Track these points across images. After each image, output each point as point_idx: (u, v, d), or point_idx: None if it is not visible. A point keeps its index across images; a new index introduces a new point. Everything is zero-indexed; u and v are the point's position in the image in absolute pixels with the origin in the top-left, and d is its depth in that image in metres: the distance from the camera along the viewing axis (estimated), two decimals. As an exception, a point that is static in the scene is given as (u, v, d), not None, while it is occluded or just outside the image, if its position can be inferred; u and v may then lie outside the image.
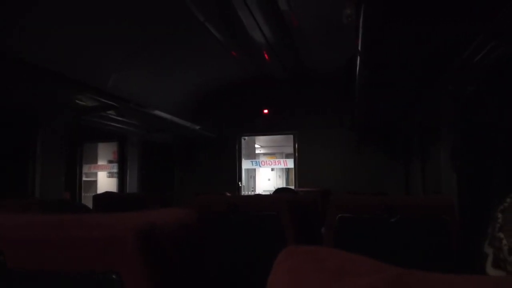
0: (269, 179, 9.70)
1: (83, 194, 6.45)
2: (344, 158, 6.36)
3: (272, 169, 9.58)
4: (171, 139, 6.71)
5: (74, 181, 5.91)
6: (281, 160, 7.61)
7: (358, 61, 3.25)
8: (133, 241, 0.52)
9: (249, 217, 1.80)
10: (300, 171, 6.66)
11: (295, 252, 0.44)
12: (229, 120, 6.64)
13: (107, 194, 3.25)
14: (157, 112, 4.60)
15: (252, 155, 8.66)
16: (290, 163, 7.16)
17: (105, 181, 7.78)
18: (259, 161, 7.70)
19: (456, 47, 2.52)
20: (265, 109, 6.73)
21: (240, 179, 6.92)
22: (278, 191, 3.75)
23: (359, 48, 2.81)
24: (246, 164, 7.24)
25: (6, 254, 0.57)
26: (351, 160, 6.29)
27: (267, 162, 7.83)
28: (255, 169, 8.86)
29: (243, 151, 7.17)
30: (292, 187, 6.19)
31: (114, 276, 0.54)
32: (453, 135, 3.31)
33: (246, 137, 7.34)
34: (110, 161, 7.89)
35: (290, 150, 7.41)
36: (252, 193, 8.46)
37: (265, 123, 6.72)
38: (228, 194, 3.43)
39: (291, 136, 6.88)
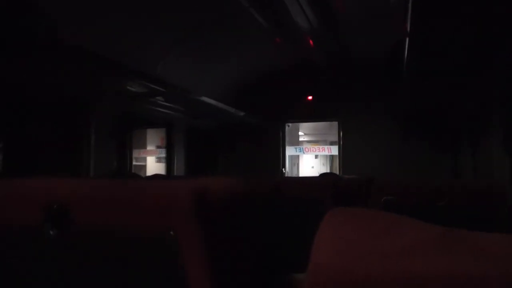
0: (312, 167, 9.66)
1: (133, 177, 6.73)
2: (389, 146, 6.21)
3: (316, 157, 9.52)
4: (215, 126, 6.84)
5: (125, 165, 6.18)
6: (325, 147, 7.55)
7: (406, 44, 3.17)
8: (188, 201, 0.57)
9: (291, 200, 1.83)
10: (345, 159, 6.59)
11: (342, 213, 0.47)
12: (273, 107, 6.65)
13: (156, 177, 3.39)
14: (203, 98, 4.71)
15: (296, 142, 8.65)
16: (334, 150, 7.10)
17: (153, 165, 8.08)
18: (302, 148, 7.68)
19: (508, 31, 2.41)
20: (309, 95, 6.69)
21: (284, 166, 6.96)
22: (323, 176, 3.74)
23: (408, 30, 2.75)
24: (289, 151, 7.26)
25: (74, 212, 0.65)
26: (397, 149, 6.14)
27: (311, 149, 7.80)
28: (298, 156, 8.85)
29: (287, 138, 7.19)
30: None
31: (170, 234, 0.59)
32: (505, 122, 3.16)
33: (290, 124, 7.34)
34: (158, 147, 8.17)
35: (334, 138, 7.33)
36: (296, 180, 8.41)
37: (309, 110, 6.69)
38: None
39: (335, 124, 6.80)
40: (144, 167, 8.07)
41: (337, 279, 0.40)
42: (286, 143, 7.13)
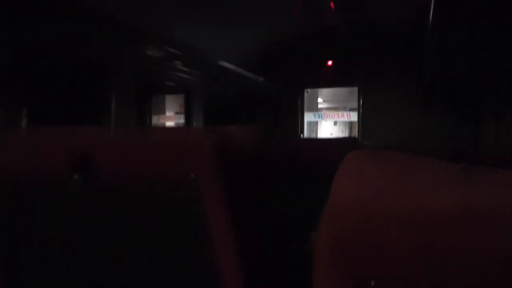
0: (331, 134, 9.60)
1: (153, 143, 6.82)
2: (409, 113, 6.10)
3: (335, 123, 9.45)
4: (234, 92, 6.82)
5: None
6: (344, 113, 7.47)
7: (431, 10, 3.04)
8: (208, 146, 0.58)
9: (310, 162, 1.83)
10: (364, 125, 6.53)
11: (363, 154, 0.47)
12: (292, 73, 6.57)
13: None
14: (222, 63, 4.68)
15: (315, 109, 8.58)
16: (353, 116, 7.03)
17: (172, 131, 8.17)
18: (321, 114, 7.62)
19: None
20: (329, 61, 6.57)
21: (302, 132, 6.95)
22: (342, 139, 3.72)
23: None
24: (308, 117, 7.22)
25: (97, 157, 0.66)
26: (417, 117, 6.03)
27: (330, 115, 7.73)
28: (317, 122, 8.80)
29: (305, 105, 7.13)
30: (355, 141, 6.09)
31: (190, 177, 0.61)
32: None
33: (308, 90, 7.26)
34: (177, 113, 8.22)
35: (353, 105, 7.25)
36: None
37: (329, 76, 6.58)
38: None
39: (355, 91, 6.69)
40: (163, 133, 8.19)
41: (355, 212, 0.41)
42: (305, 109, 7.08)
